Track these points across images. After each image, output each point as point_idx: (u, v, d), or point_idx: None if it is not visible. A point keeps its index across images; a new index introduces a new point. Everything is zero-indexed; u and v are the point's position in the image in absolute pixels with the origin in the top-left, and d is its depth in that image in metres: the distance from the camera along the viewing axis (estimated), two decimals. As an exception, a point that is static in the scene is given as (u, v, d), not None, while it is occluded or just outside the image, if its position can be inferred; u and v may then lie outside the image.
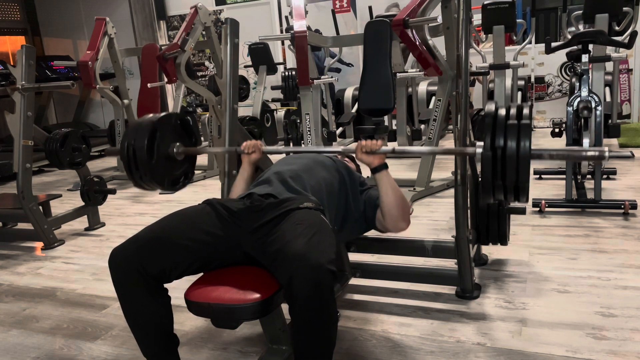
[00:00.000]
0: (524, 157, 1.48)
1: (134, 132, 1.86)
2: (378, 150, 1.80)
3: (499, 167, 1.51)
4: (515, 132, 1.49)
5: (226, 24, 2.25)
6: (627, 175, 3.86)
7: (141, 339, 1.59)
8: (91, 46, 5.09)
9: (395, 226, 1.88)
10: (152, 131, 1.85)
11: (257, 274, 1.58)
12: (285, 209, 1.63)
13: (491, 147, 1.51)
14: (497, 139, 1.50)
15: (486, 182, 1.55)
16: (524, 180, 1.51)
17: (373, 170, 1.83)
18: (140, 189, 1.96)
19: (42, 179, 5.85)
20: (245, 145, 2.01)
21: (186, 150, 2.00)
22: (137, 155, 1.83)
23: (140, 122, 1.91)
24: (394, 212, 1.83)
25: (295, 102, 6.13)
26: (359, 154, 1.82)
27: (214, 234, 1.61)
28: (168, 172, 1.96)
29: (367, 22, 3.87)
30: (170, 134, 1.95)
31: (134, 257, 1.50)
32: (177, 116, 2.03)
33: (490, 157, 1.51)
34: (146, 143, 1.82)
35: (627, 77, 5.99)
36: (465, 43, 1.96)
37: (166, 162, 1.93)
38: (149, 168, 1.84)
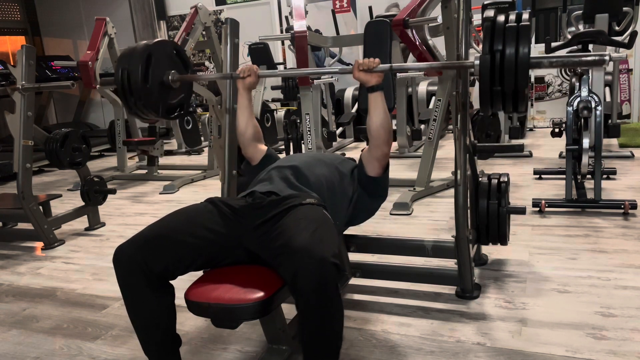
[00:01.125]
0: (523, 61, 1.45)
1: (128, 56, 1.83)
2: (375, 68, 1.81)
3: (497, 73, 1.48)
4: (514, 35, 1.46)
5: (226, 24, 2.25)
6: (627, 175, 3.86)
7: (143, 337, 1.59)
8: (91, 46, 5.09)
9: (378, 148, 1.88)
10: (147, 56, 1.82)
11: (258, 273, 1.58)
12: (287, 205, 1.63)
13: (490, 51, 1.49)
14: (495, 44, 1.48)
15: (484, 90, 1.52)
16: (523, 85, 1.48)
17: (368, 89, 1.85)
18: (136, 117, 1.94)
19: (42, 179, 5.85)
20: (241, 69, 2.02)
21: (182, 77, 1.98)
22: (131, 80, 1.80)
23: (134, 46, 1.88)
24: (382, 135, 1.86)
25: (295, 102, 6.13)
26: (356, 72, 1.84)
27: (216, 231, 1.62)
28: (163, 99, 1.93)
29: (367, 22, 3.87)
30: (165, 61, 1.92)
31: (137, 255, 1.50)
32: (173, 44, 2.00)
33: (489, 61, 1.48)
34: (141, 67, 1.80)
35: (627, 77, 5.99)
36: (465, 43, 1.96)
37: (161, 88, 1.90)
38: (143, 93, 1.82)
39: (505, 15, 1.54)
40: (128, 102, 1.84)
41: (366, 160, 1.94)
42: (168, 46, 1.95)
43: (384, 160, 1.91)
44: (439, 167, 4.27)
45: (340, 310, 1.43)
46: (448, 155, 4.94)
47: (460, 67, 1.93)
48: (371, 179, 1.94)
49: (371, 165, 1.92)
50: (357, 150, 5.71)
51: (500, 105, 1.56)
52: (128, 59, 1.82)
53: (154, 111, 1.89)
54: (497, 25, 1.51)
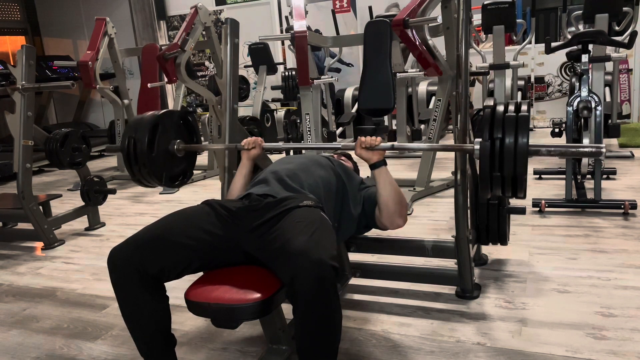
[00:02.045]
0: (522, 148, 1.48)
1: (135, 125, 1.86)
2: (377, 147, 1.81)
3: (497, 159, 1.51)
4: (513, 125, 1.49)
5: (226, 24, 2.25)
6: (627, 175, 3.86)
7: (139, 338, 1.59)
8: (91, 46, 5.09)
9: (391, 222, 1.88)
10: (153, 125, 1.85)
11: (257, 273, 1.58)
12: (284, 207, 1.63)
13: (489, 138, 1.51)
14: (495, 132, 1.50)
15: (484, 175, 1.55)
16: (521, 172, 1.51)
17: (372, 166, 1.84)
18: (139, 184, 1.96)
19: (42, 179, 5.85)
20: (246, 141, 2.03)
21: (187, 147, 2.01)
22: (137, 148, 1.83)
23: (142, 116, 1.91)
24: (391, 207, 1.84)
25: (295, 102, 6.13)
26: (358, 149, 1.83)
27: (213, 233, 1.61)
28: (167, 167, 1.96)
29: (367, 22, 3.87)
30: (171, 130, 1.95)
31: (133, 256, 1.50)
32: (179, 114, 2.03)
33: (489, 147, 1.51)
34: (147, 136, 1.82)
35: (627, 77, 5.99)
36: (465, 43, 1.96)
37: (166, 157, 1.93)
38: (148, 161, 1.84)
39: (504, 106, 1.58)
40: (132, 169, 1.87)
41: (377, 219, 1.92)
42: (175, 116, 1.98)
43: (395, 228, 1.91)
44: (439, 167, 4.27)
45: (339, 312, 1.42)
46: (448, 155, 4.93)
47: (460, 149, 1.93)
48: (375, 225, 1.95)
49: (380, 224, 1.93)
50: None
51: (499, 190, 1.59)
52: (135, 128, 1.85)
53: (157, 179, 1.92)
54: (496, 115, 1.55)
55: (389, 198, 1.83)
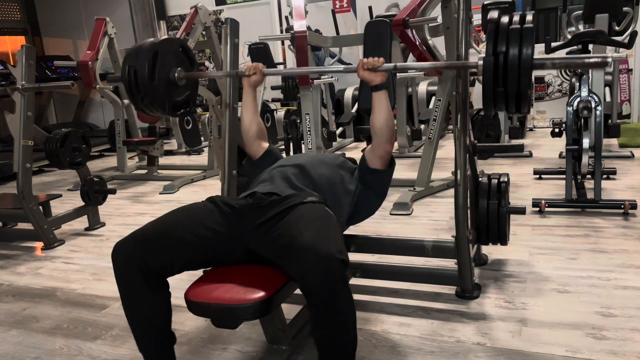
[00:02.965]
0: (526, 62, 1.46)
1: (135, 54, 1.85)
2: (380, 67, 1.82)
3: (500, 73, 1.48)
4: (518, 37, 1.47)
5: (226, 24, 2.25)
6: (627, 175, 3.86)
7: (138, 334, 1.60)
8: (91, 46, 5.09)
9: (381, 146, 1.88)
10: (153, 53, 1.84)
11: (258, 273, 1.58)
12: (289, 204, 1.63)
13: (493, 53, 1.49)
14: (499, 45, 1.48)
15: (487, 91, 1.53)
16: (525, 87, 1.49)
17: (373, 87, 1.86)
18: (142, 112, 1.96)
19: (42, 179, 5.85)
20: (246, 67, 2.03)
21: (187, 74, 1.99)
22: (138, 77, 1.82)
23: (141, 44, 1.90)
24: (384, 132, 1.86)
25: (295, 102, 6.13)
26: (360, 71, 1.84)
27: (216, 230, 1.62)
28: (169, 96, 1.95)
29: (367, 22, 3.87)
30: (171, 59, 1.94)
31: (136, 251, 1.51)
32: (179, 42, 2.02)
33: (492, 62, 1.49)
34: (147, 64, 1.81)
35: (627, 77, 5.99)
36: (465, 43, 1.96)
37: (167, 85, 1.92)
38: (150, 90, 1.83)
39: (509, 17, 1.55)
40: (135, 98, 1.86)
41: (369, 157, 1.94)
42: (174, 44, 1.97)
43: (386, 157, 1.92)
44: (439, 167, 4.27)
45: (351, 305, 1.42)
46: (448, 155, 4.94)
47: (462, 67, 1.93)
48: (374, 172, 1.93)
49: (374, 161, 1.93)
50: (357, 150, 5.72)
51: (503, 106, 1.56)
52: (135, 56, 1.83)
53: (161, 108, 1.91)
54: (500, 26, 1.52)
55: (382, 121, 1.86)
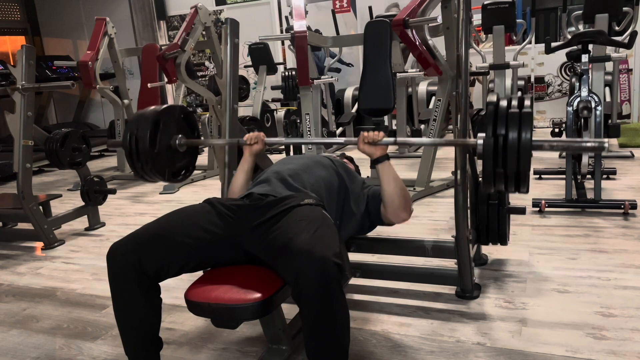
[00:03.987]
0: (525, 145, 1.48)
1: (136, 122, 1.86)
2: (380, 142, 1.81)
3: (500, 155, 1.51)
4: (517, 121, 1.49)
5: (226, 24, 2.25)
6: (627, 175, 3.86)
7: (126, 337, 1.60)
8: (91, 46, 5.09)
9: (397, 216, 1.88)
10: (155, 121, 1.85)
11: (257, 273, 1.58)
12: (286, 206, 1.63)
13: (492, 135, 1.51)
14: (498, 128, 1.50)
15: (487, 171, 1.55)
16: (525, 169, 1.51)
17: (374, 161, 1.85)
18: (142, 179, 1.96)
19: (42, 179, 5.85)
20: (248, 136, 2.02)
21: (188, 141, 2.00)
22: (139, 145, 1.83)
23: (143, 112, 1.90)
24: (396, 202, 1.85)
25: (295, 102, 6.13)
26: (360, 145, 1.84)
27: (213, 232, 1.61)
28: (170, 163, 1.95)
29: (367, 22, 3.87)
30: (173, 126, 1.95)
31: (132, 253, 1.51)
32: (181, 109, 2.03)
33: (492, 144, 1.51)
34: (149, 132, 1.82)
35: (627, 77, 5.99)
36: (465, 43, 1.96)
37: (168, 153, 1.93)
38: (150, 158, 1.84)
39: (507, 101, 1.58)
40: (135, 166, 1.87)
41: (383, 215, 1.92)
42: (176, 111, 1.98)
43: (401, 223, 1.92)
44: (439, 167, 4.27)
45: (345, 309, 1.42)
46: (448, 155, 4.94)
47: (463, 144, 1.92)
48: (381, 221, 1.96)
49: (385, 220, 1.94)
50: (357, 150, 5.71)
51: (502, 186, 1.59)
52: (136, 124, 1.84)
53: (160, 175, 1.92)
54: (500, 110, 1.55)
55: (393, 193, 1.84)
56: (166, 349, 1.80)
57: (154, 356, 1.65)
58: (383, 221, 1.95)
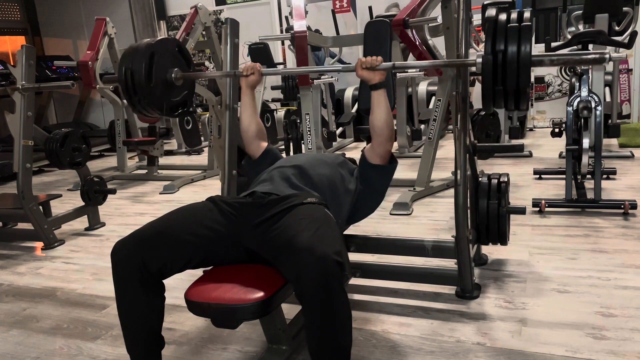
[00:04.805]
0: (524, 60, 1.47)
1: (131, 56, 1.84)
2: (378, 66, 1.82)
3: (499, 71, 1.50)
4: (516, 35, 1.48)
5: (226, 24, 2.25)
6: (627, 175, 3.86)
7: (129, 335, 1.60)
8: (91, 46, 5.09)
9: (381, 145, 1.89)
10: (149, 55, 1.83)
11: (258, 273, 1.58)
12: (288, 204, 1.63)
13: (492, 51, 1.50)
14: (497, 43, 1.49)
15: (487, 89, 1.54)
16: (524, 85, 1.50)
17: (372, 86, 1.86)
18: (140, 114, 1.96)
19: (42, 179, 5.85)
20: (245, 67, 2.03)
21: (185, 74, 1.99)
22: (135, 79, 1.81)
23: (137, 45, 1.89)
24: (384, 130, 1.87)
25: (295, 102, 6.12)
26: (359, 70, 1.85)
27: (215, 229, 1.62)
28: (167, 97, 1.94)
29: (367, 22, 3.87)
30: (168, 59, 1.93)
31: (135, 251, 1.51)
32: (175, 41, 2.02)
33: (491, 61, 1.50)
34: (144, 66, 1.81)
35: (627, 77, 5.99)
36: (465, 43, 1.96)
37: (165, 86, 1.91)
38: (147, 92, 1.83)
39: (507, 14, 1.56)
40: (132, 100, 1.85)
41: (369, 155, 1.94)
42: (170, 44, 1.96)
43: (386, 155, 1.92)
44: (439, 167, 4.27)
45: (347, 307, 1.42)
46: (448, 155, 4.94)
47: (461, 65, 1.93)
48: (375, 167, 1.93)
49: (375, 159, 1.93)
50: (357, 151, 5.71)
51: (502, 104, 1.57)
52: (131, 57, 1.82)
53: (158, 109, 1.90)
54: (499, 24, 1.52)
55: (382, 120, 1.86)
56: (166, 349, 1.80)
57: (156, 355, 1.65)
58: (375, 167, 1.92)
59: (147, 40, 1.89)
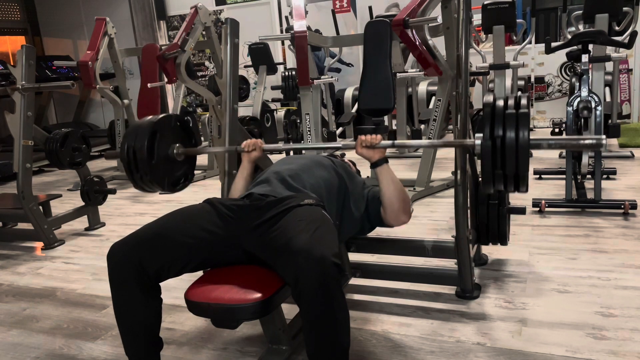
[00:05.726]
0: (523, 145, 1.48)
1: (133, 133, 1.87)
2: (378, 145, 1.82)
3: (498, 156, 1.51)
4: (514, 122, 1.50)
5: (226, 24, 2.25)
6: (627, 175, 3.86)
7: (127, 337, 1.60)
8: (91, 46, 5.09)
9: (396, 219, 1.88)
10: (151, 132, 1.86)
11: (257, 273, 1.58)
12: (286, 206, 1.63)
13: (490, 137, 1.51)
14: (496, 129, 1.50)
15: (486, 172, 1.56)
16: (523, 169, 1.51)
17: (373, 164, 1.85)
18: (141, 190, 1.97)
19: (42, 179, 5.85)
20: (246, 143, 2.03)
21: (186, 150, 2.01)
22: (137, 157, 1.83)
23: (139, 123, 1.91)
24: (395, 205, 1.85)
25: (295, 102, 6.13)
26: (358, 148, 1.84)
27: (213, 232, 1.62)
28: (168, 173, 1.96)
29: (367, 22, 3.87)
30: (169, 135, 1.96)
31: (132, 253, 1.51)
32: (177, 117, 2.03)
33: (490, 146, 1.51)
34: (146, 144, 1.83)
35: (627, 77, 5.99)
36: (465, 43, 1.96)
37: (166, 163, 1.93)
38: (149, 169, 1.85)
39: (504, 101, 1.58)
40: (134, 177, 1.87)
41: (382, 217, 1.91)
42: (172, 120, 1.98)
43: (400, 225, 1.92)
44: (439, 167, 4.27)
45: (345, 309, 1.42)
46: (448, 155, 4.94)
47: (461, 145, 1.92)
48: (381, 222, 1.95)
49: (385, 222, 1.93)
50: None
51: (502, 186, 1.60)
52: (133, 136, 1.85)
53: (159, 185, 1.93)
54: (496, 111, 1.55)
55: (392, 196, 1.84)
56: (166, 349, 1.80)
57: (154, 356, 1.65)
58: (383, 223, 1.94)
59: (150, 118, 1.92)
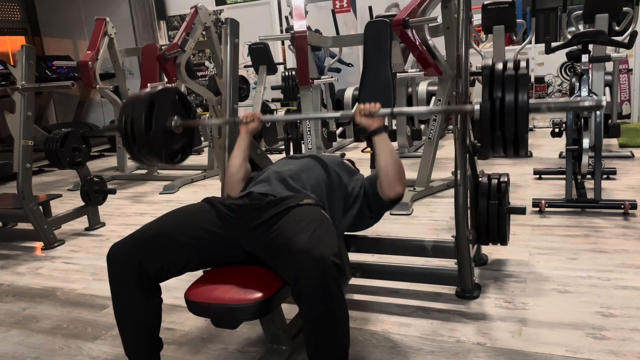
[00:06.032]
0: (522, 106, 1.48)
1: (131, 105, 1.86)
2: (376, 113, 1.83)
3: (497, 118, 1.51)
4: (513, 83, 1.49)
5: (226, 24, 2.25)
6: (627, 175, 3.86)
7: (127, 338, 1.60)
8: (91, 46, 5.09)
9: (392, 189, 1.85)
10: (149, 104, 1.84)
11: (257, 273, 1.58)
12: (285, 206, 1.63)
13: (489, 98, 1.51)
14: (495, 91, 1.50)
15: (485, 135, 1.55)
16: (523, 131, 1.51)
17: (371, 132, 1.85)
18: (138, 162, 1.96)
19: (42, 179, 5.85)
20: (244, 115, 2.03)
21: (184, 123, 2.00)
22: (134, 128, 1.82)
23: (137, 95, 1.90)
24: (390, 173, 1.83)
25: (295, 102, 6.13)
26: (357, 117, 1.85)
27: (213, 231, 1.62)
28: (166, 145, 1.95)
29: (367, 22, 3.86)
30: (168, 108, 1.94)
31: (132, 253, 1.51)
32: (175, 91, 2.02)
33: (489, 108, 1.51)
34: (144, 115, 1.82)
35: (627, 77, 5.99)
36: (465, 43, 1.96)
37: (164, 135, 1.92)
38: (146, 141, 1.84)
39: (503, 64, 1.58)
40: (131, 149, 1.86)
41: (379, 191, 1.89)
42: (171, 93, 1.98)
43: (397, 198, 1.88)
44: (439, 167, 4.27)
45: (344, 308, 1.42)
46: (448, 155, 4.94)
47: (460, 111, 1.92)
48: (379, 200, 1.92)
49: (382, 195, 1.90)
50: (357, 150, 5.71)
51: (501, 150, 1.59)
52: (131, 107, 1.84)
53: (157, 157, 1.92)
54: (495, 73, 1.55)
55: (388, 164, 1.83)
56: (166, 349, 1.80)
57: (154, 356, 1.65)
58: (381, 201, 1.90)
59: (148, 90, 1.91)
